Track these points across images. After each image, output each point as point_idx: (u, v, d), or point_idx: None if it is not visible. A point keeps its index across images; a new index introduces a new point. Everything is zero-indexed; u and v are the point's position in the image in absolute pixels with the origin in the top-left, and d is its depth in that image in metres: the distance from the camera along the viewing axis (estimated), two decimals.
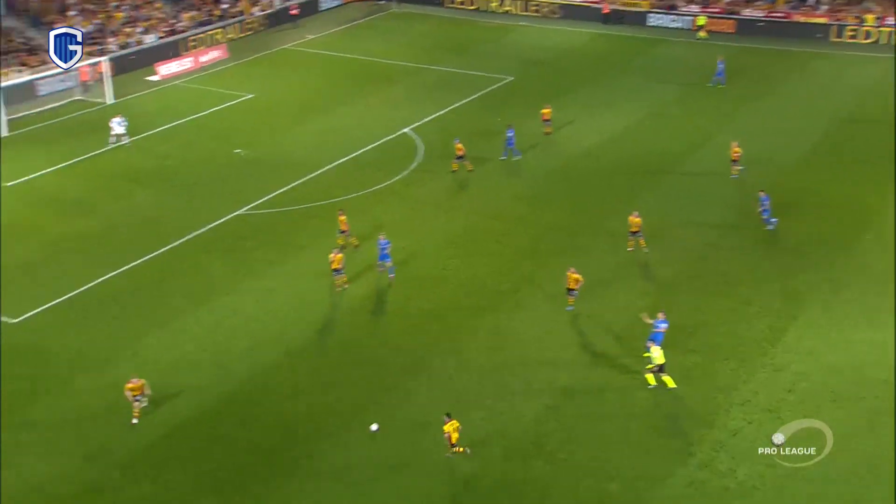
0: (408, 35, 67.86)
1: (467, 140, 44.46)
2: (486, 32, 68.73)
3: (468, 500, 24.05)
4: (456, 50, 63.74)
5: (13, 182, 41.63)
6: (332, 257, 32.89)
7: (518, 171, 43.81)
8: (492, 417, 26.85)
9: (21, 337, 30.10)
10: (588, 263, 33.64)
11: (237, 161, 44.74)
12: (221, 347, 29.88)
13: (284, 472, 24.76)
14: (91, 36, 57.35)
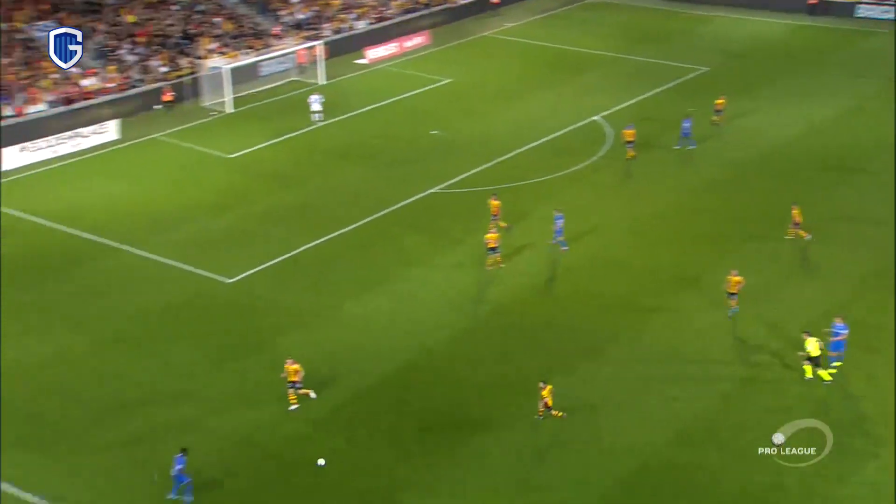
0: (604, 25, 66.61)
1: (658, 129, 43.31)
2: (684, 23, 66.50)
3: (639, 481, 23.55)
4: (651, 40, 62.05)
5: (235, 154, 43.98)
6: (487, 237, 32.90)
7: (706, 161, 42.35)
8: (665, 402, 26.20)
9: (234, 296, 31.75)
10: (766, 256, 32.56)
11: (434, 141, 45.42)
12: (411, 317, 30.49)
13: (460, 437, 25.03)
14: (309, 22, 59.67)
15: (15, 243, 35.02)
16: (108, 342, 28.97)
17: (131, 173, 41.76)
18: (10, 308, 30.76)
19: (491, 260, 33.02)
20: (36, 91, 46.33)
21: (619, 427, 25.32)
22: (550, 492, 23.16)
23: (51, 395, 26.65)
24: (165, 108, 49.40)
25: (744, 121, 46.89)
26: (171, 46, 52.60)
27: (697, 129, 43.82)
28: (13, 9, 49.86)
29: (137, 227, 36.25)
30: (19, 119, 45.02)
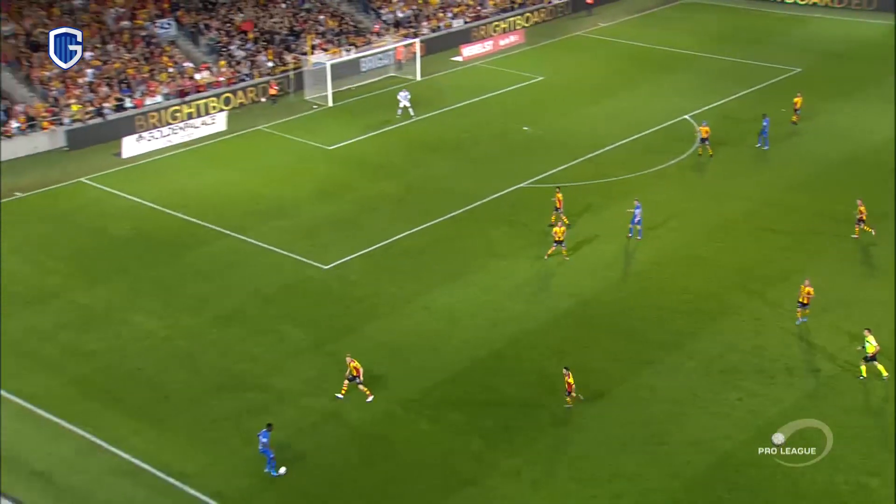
0: (697, 25, 65.20)
1: (746, 129, 42.34)
2: (778, 23, 64.64)
3: (722, 474, 23.18)
4: (744, 40, 60.51)
5: (334, 146, 44.71)
6: (554, 230, 32.86)
7: (794, 160, 41.28)
8: (747, 399, 25.71)
9: (330, 282, 32.33)
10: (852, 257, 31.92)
11: (524, 137, 45.29)
12: (496, 306, 30.57)
13: (544, 426, 25.03)
14: (408, 20, 60.14)
15: (133, 227, 36.37)
16: (223, 319, 29.88)
17: (237, 163, 42.89)
18: (137, 284, 32.03)
19: (553, 251, 32.94)
20: (154, 84, 47.96)
21: (701, 421, 24.95)
22: (634, 481, 22.97)
23: (174, 366, 27.65)
24: (270, 101, 50.52)
25: (833, 122, 45.46)
26: (278, 43, 53.74)
27: (781, 128, 42.61)
28: (137, 7, 51.66)
29: (242, 214, 37.20)
30: (138, 110, 46.71)
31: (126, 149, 43.43)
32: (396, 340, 28.69)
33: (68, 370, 27.45)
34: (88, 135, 44.61)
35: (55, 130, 44.28)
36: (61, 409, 25.65)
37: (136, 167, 42.41)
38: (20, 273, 32.59)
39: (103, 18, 50.08)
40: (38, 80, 45.45)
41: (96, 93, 46.13)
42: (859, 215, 33.47)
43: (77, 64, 46.49)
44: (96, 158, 42.95)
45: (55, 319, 29.91)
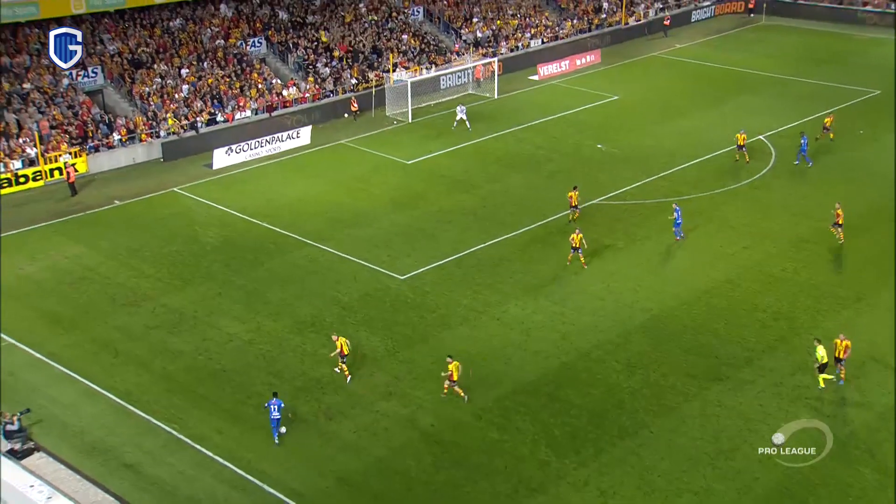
0: (774, 46, 63.90)
1: (824, 149, 41.19)
2: (858, 45, 62.94)
3: (791, 493, 22.48)
4: (822, 62, 59.04)
5: (412, 160, 45.03)
6: (572, 237, 33.15)
7: (871, 182, 39.88)
8: (819, 418, 24.92)
9: (407, 291, 32.48)
10: None
11: (598, 155, 44.91)
12: (567, 319, 30.30)
13: (612, 437, 24.67)
14: (487, 40, 60.33)
15: (220, 234, 37.20)
16: (302, 325, 30.29)
17: (319, 175, 43.53)
18: (223, 289, 32.74)
19: (571, 257, 33.23)
20: (244, 99, 49.11)
21: (770, 435, 24.25)
22: (702, 496, 22.49)
23: (255, 368, 28.10)
24: (352, 116, 51.22)
25: None
26: (362, 60, 54.48)
27: (860, 150, 41.35)
28: (231, 27, 53.03)
29: (323, 224, 37.70)
30: (229, 124, 47.86)
31: (216, 160, 44.50)
32: (469, 350, 28.65)
33: (157, 369, 28.17)
34: (182, 147, 45.89)
35: (152, 143, 45.67)
36: (150, 405, 26.33)
37: (225, 178, 43.41)
38: (117, 277, 33.62)
39: (200, 38, 51.54)
40: (139, 95, 46.98)
41: (191, 107, 47.46)
42: (836, 219, 33.83)
43: (174, 80, 48.18)
44: (189, 169, 44.14)
45: (147, 321, 30.74)
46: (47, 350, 28.96)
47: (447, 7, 62.23)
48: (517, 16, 63.94)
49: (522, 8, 64.98)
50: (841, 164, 42.34)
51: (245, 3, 54.98)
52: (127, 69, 47.96)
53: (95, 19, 48.89)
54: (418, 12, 60.66)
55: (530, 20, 64.01)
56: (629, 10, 67.95)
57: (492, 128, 49.05)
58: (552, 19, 65.21)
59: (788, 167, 42.04)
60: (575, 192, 36.64)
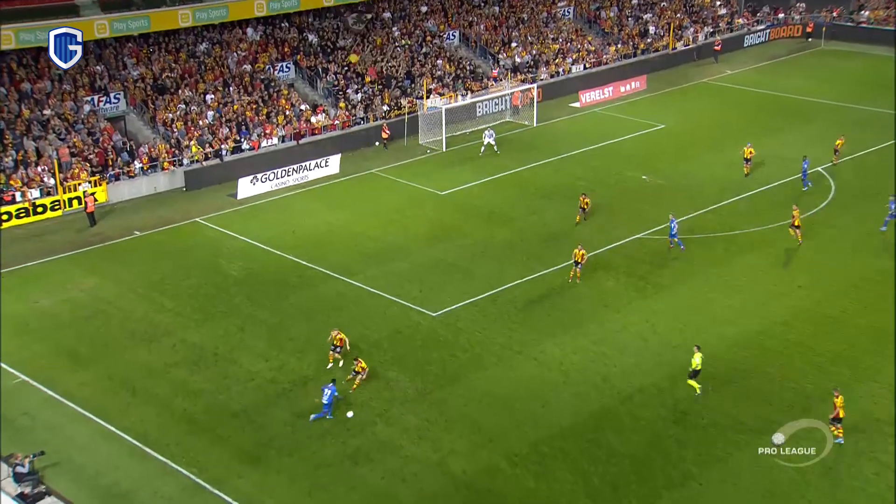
0: (833, 72, 63.75)
1: (886, 180, 40.93)
2: None
3: None
4: (883, 88, 58.67)
5: (447, 191, 45.37)
6: (575, 252, 35.06)
7: None
8: (887, 472, 24.73)
9: (439, 328, 32.60)
10: None
11: (643, 186, 44.95)
12: (608, 360, 30.23)
13: (657, 488, 24.47)
14: (526, 65, 60.90)
15: (244, 266, 37.68)
16: (322, 364, 30.52)
17: (348, 206, 44.00)
18: (246, 324, 33.12)
19: (573, 273, 35.01)
20: (270, 126, 49.97)
21: (832, 495, 23.93)
22: None
23: (278, 408, 28.32)
24: (383, 144, 51.83)
25: None
26: (394, 86, 55.23)
27: None
28: (259, 51, 54.14)
29: (351, 257, 38.05)
30: (254, 152, 48.68)
31: (241, 190, 45.19)
32: (503, 391, 28.68)
33: (176, 409, 28.49)
34: (206, 176, 46.72)
35: (174, 171, 46.56)
36: (168, 447, 26.59)
37: (250, 208, 44.03)
38: (136, 311, 34.16)
39: (226, 62, 52.65)
40: (162, 122, 48.03)
41: (215, 134, 48.39)
42: (793, 220, 37.10)
43: (199, 107, 49.19)
44: (212, 199, 44.88)
45: (166, 357, 31.15)
46: (62, 388, 29.42)
47: (485, 31, 63.01)
48: (558, 40, 64.52)
49: (564, 32, 65.57)
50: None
51: (273, 27, 56.13)
52: (150, 95, 49.09)
53: (119, 43, 50.20)
54: (454, 36, 61.47)
55: (572, 45, 64.53)
56: (677, 35, 68.24)
57: (530, 157, 49.34)
58: (595, 44, 65.69)
59: (847, 200, 41.75)
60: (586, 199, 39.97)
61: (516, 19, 65.09)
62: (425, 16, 61.98)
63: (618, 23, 68.38)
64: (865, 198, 42.22)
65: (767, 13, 74.21)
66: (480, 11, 64.45)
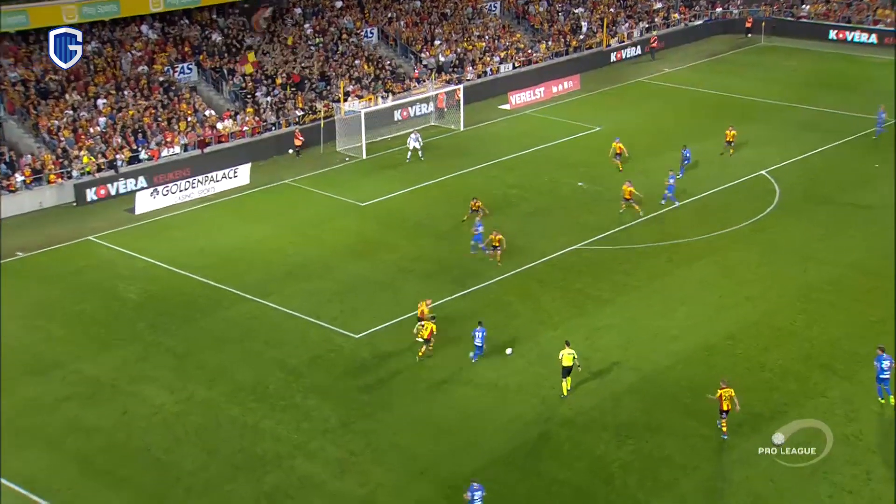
0: (775, 70, 65.74)
1: (834, 186, 42.32)
2: (869, 69, 65.04)
3: None
4: (829, 87, 60.90)
5: (367, 202, 45.36)
6: (492, 236, 37.68)
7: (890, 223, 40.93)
8: (842, 495, 25.38)
9: (363, 352, 32.53)
10: None
11: (579, 194, 45.65)
12: (547, 381, 30.52)
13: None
14: (451, 65, 61.38)
15: (145, 289, 37.06)
16: (242, 393, 30.20)
17: (261, 220, 43.68)
18: (148, 353, 32.59)
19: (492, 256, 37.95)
20: (171, 134, 49.35)
21: None
22: None
23: (186, 445, 27.91)
24: (296, 152, 51.62)
25: None
26: (308, 89, 55.09)
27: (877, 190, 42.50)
28: (156, 51, 53.44)
29: (265, 276, 37.78)
30: (154, 162, 47.98)
31: (140, 204, 44.51)
32: (436, 418, 28.75)
33: (70, 448, 27.84)
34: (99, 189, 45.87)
35: (63, 184, 45.61)
36: (59, 493, 25.91)
37: (151, 224, 43.39)
38: (21, 341, 33.31)
39: (119, 63, 51.85)
40: (47, 129, 47.02)
41: (109, 143, 47.58)
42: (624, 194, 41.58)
43: (89, 112, 48.31)
44: (107, 214, 44.09)
45: (57, 392, 30.45)
46: None
47: (405, 28, 63.35)
48: (484, 37, 65.22)
49: (490, 29, 66.32)
50: (854, 202, 43.39)
51: (172, 24, 55.50)
52: (32, 99, 48.05)
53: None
54: (372, 34, 61.67)
55: (499, 42, 65.31)
56: (611, 31, 69.59)
57: (458, 164, 49.70)
58: (524, 41, 66.60)
59: (793, 205, 43.03)
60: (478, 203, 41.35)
61: (439, 15, 65.61)
62: (340, 11, 62.03)
63: (548, 18, 69.46)
64: (812, 202, 43.57)
65: (705, 7, 76.20)
66: (400, 7, 64.78)
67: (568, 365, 29.46)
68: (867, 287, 35.68)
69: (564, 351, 29.59)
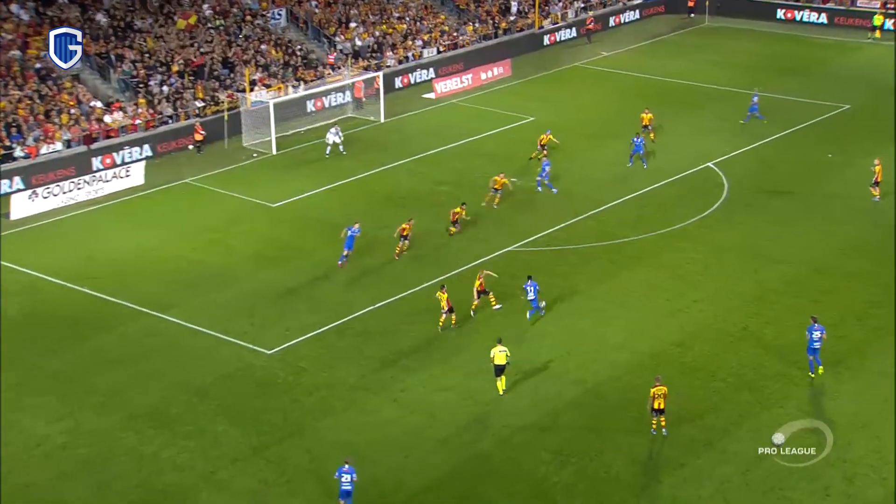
0: (721, 53, 66.98)
1: (786, 177, 43.27)
2: (823, 51, 66.68)
3: None
4: (779, 71, 62.22)
5: (280, 202, 45.02)
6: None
7: (851, 218, 41.94)
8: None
9: (276, 369, 32.27)
10: None
11: (513, 191, 45.88)
12: (482, 397, 30.62)
13: None
14: (368, 50, 61.25)
15: (25, 305, 36.26)
16: (139, 420, 29.73)
17: (159, 224, 43.06)
18: (30, 377, 31.85)
19: (398, 248, 39.18)
20: (51, 128, 48.34)
21: None
22: None
23: (75, 480, 27.34)
24: (197, 148, 51.01)
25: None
26: (209, 77, 54.46)
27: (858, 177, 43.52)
28: (30, 34, 52.28)
29: (166, 287, 37.31)
30: (32, 161, 46.94)
31: (16, 208, 43.57)
32: (358, 441, 28.61)
33: None
34: None
35: None
36: None
37: (30, 231, 42.50)
38: None
39: None
40: None
41: None
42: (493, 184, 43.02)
43: None
44: None
45: None
46: None
47: (317, 9, 63.05)
48: (405, 19, 65.25)
49: (412, 10, 66.38)
50: (809, 195, 44.39)
51: (49, 4, 54.34)
52: None
53: None
54: (280, 16, 61.26)
55: (422, 24, 65.40)
56: (543, 11, 70.18)
57: (379, 159, 49.61)
58: (449, 23, 66.79)
59: (743, 200, 43.83)
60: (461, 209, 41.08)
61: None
62: None
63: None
64: (763, 196, 44.43)
65: None
66: None
67: (501, 363, 30.25)
68: (824, 287, 36.47)
69: (496, 349, 30.28)
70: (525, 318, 34.56)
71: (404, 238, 39.25)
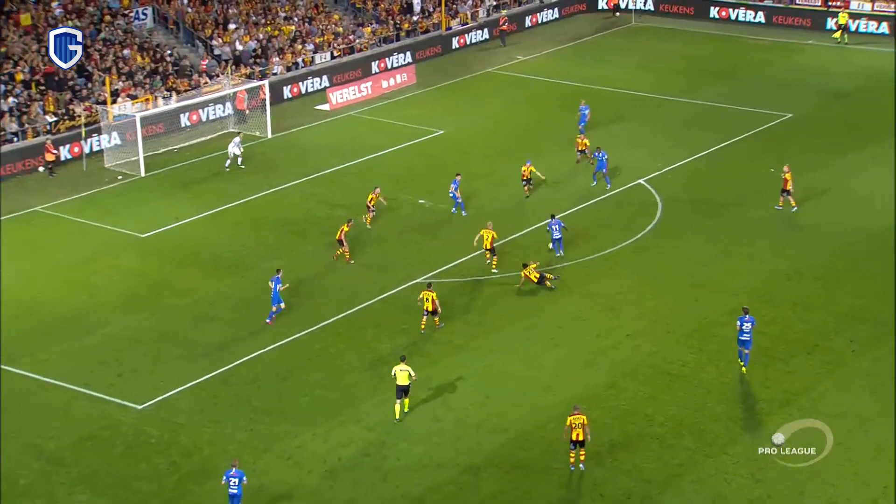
0: (650, 56, 68.17)
1: (726, 193, 44.09)
2: (761, 53, 68.27)
3: None
4: (713, 76, 63.56)
5: (150, 232, 44.48)
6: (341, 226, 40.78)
7: (801, 238, 42.96)
8: None
9: (149, 427, 31.78)
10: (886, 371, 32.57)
11: (421, 214, 45.98)
12: (388, 451, 30.53)
13: None
14: (252, 54, 60.96)
15: None
16: None
17: (4, 260, 42.12)
18: None
19: (339, 252, 40.93)
20: None
21: None
22: None
23: None
24: (49, 170, 50.17)
25: (845, 187, 47.53)
26: (62, 88, 53.62)
27: (803, 193, 44.61)
28: None
29: (14, 335, 36.55)
30: None
31: None
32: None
33: None
34: None
35: None
36: None
37: None
38: None
39: None
40: None
41: None
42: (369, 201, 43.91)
43: None
44: None
45: None
46: None
47: (190, 9, 62.61)
48: (293, 20, 65.16)
49: (300, 9, 66.34)
50: (749, 214, 45.30)
51: None
52: None
53: None
54: (146, 15, 60.73)
55: (313, 26, 65.38)
56: (450, 10, 70.69)
57: (266, 180, 49.39)
58: (345, 24, 66.88)
59: (677, 220, 44.56)
60: None
61: None
62: None
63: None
64: (700, 216, 45.20)
65: None
66: None
67: (403, 384, 31.06)
68: (770, 317, 37.07)
69: (398, 367, 31.01)
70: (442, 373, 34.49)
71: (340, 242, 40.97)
